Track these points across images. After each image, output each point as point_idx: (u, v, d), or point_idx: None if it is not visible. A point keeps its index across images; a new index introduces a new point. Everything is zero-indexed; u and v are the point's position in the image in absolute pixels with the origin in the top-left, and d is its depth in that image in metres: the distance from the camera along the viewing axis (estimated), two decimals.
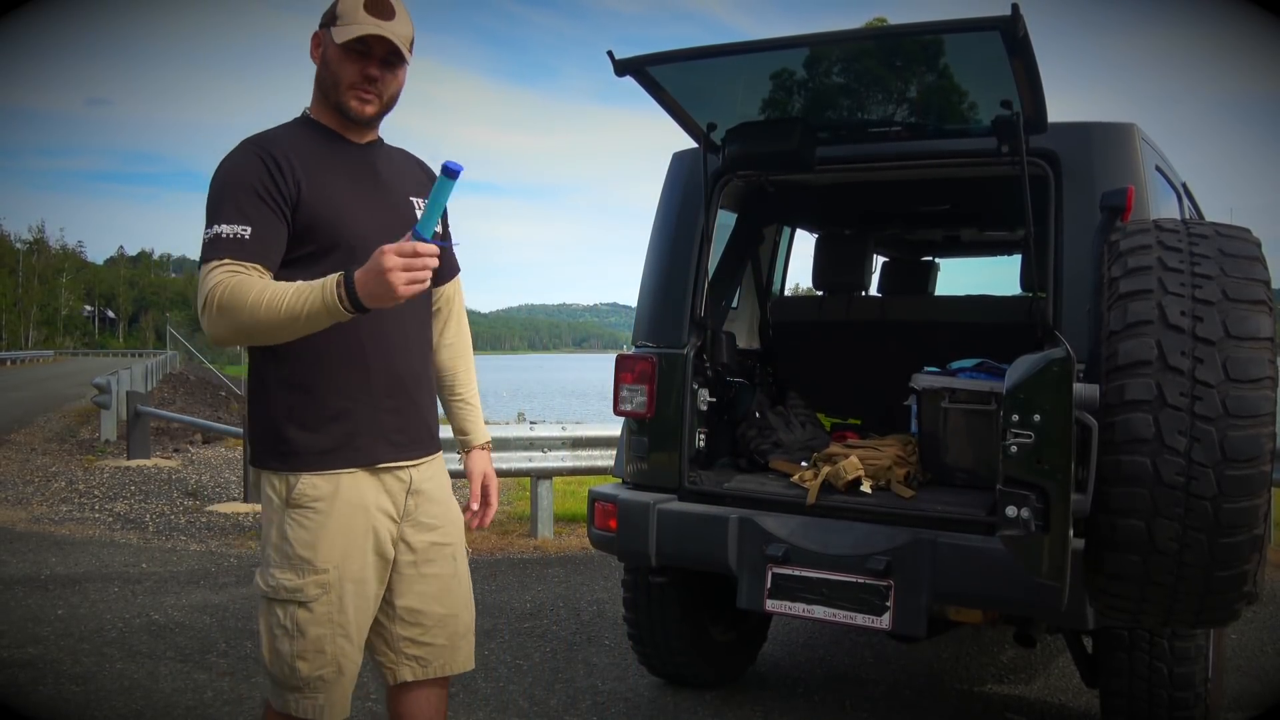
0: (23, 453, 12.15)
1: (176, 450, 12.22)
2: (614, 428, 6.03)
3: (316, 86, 2.16)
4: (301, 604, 2.07)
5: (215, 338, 1.96)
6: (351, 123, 2.15)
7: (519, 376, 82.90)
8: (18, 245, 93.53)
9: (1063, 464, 2.33)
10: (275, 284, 1.92)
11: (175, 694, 3.91)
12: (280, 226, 2.01)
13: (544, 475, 7.35)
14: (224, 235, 1.95)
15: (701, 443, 3.71)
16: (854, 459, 3.47)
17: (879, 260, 5.39)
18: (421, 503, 2.22)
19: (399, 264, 1.77)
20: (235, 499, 8.68)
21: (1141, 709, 3.14)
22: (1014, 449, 2.40)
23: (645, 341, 3.77)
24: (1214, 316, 2.29)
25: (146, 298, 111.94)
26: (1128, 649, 3.12)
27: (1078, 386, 2.36)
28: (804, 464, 3.68)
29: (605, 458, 7.28)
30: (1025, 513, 2.37)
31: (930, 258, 5.86)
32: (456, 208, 1.86)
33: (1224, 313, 2.29)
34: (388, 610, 2.21)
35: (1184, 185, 4.07)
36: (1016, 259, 5.24)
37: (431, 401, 2.31)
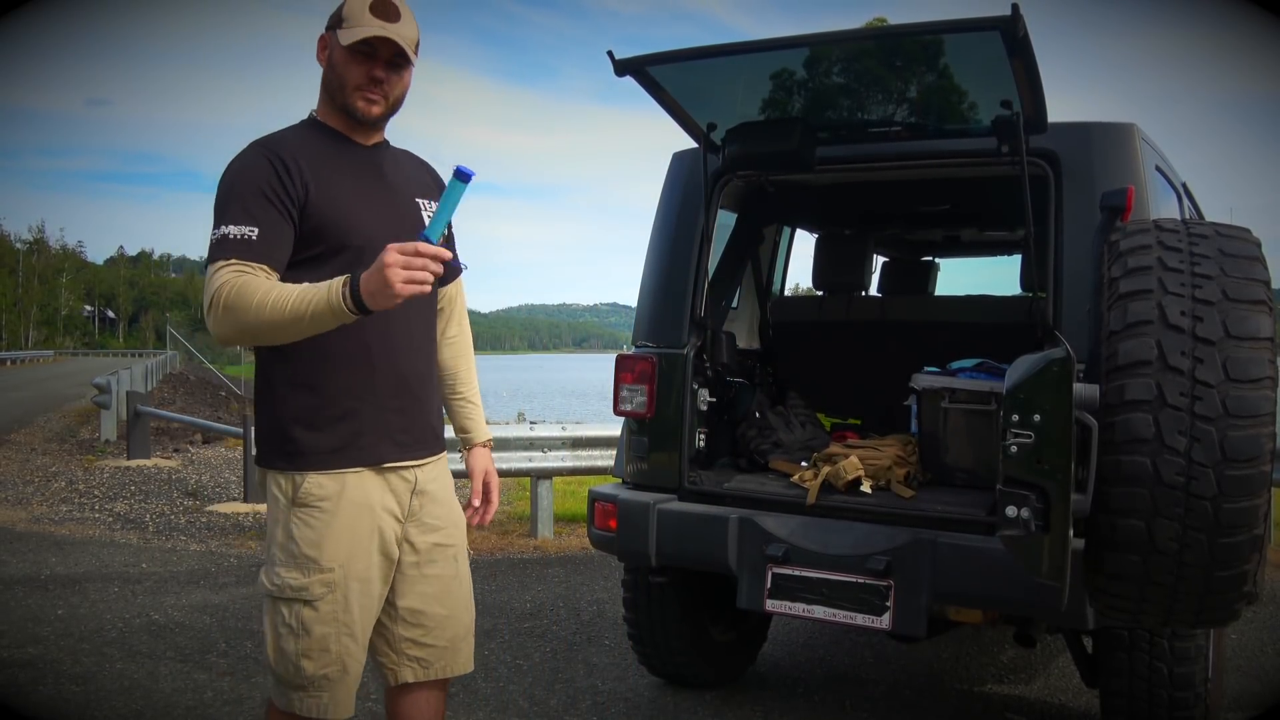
0: (23, 453, 12.15)
1: (176, 450, 12.22)
2: (614, 428, 6.03)
3: (323, 89, 2.16)
4: (307, 603, 2.08)
5: (221, 337, 1.96)
6: (358, 124, 2.15)
7: (519, 376, 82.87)
8: (18, 245, 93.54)
9: (1063, 464, 2.33)
10: (281, 285, 1.92)
11: (175, 694, 3.91)
12: (287, 228, 2.01)
13: (544, 475, 7.36)
14: (231, 236, 1.96)
15: (701, 443, 3.71)
16: (854, 459, 3.47)
17: (879, 260, 5.39)
18: (426, 503, 2.23)
19: (399, 261, 1.78)
20: (235, 499, 8.68)
21: (1141, 709, 3.14)
22: (1014, 449, 2.40)
23: (645, 341, 3.77)
24: (1214, 316, 2.29)
25: (146, 298, 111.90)
26: (1128, 649, 3.12)
27: (1078, 386, 2.36)
28: (804, 464, 3.68)
29: (605, 458, 7.28)
30: (1025, 513, 2.37)
31: (930, 258, 5.86)
32: (457, 208, 1.87)
33: (1224, 313, 2.29)
34: (390, 611, 2.21)
35: (1184, 185, 4.07)
36: (1016, 259, 5.24)
37: (436, 402, 2.32)
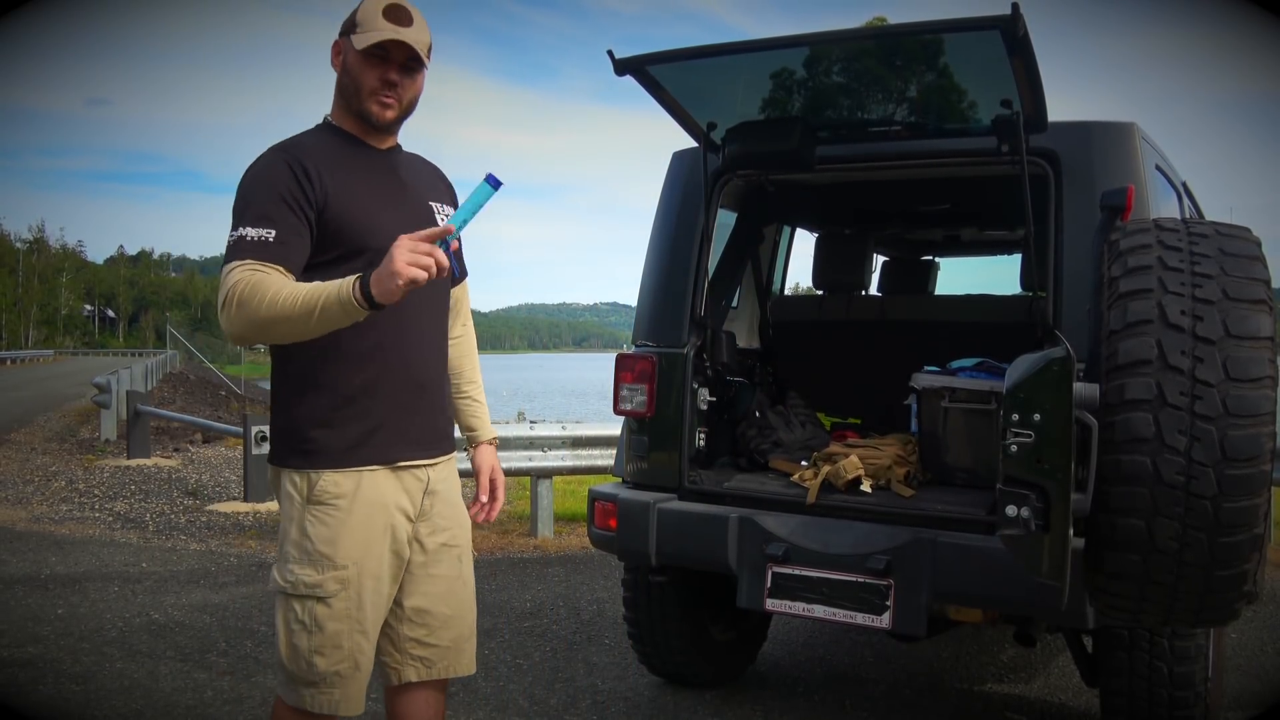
0: (23, 452, 12.15)
1: (176, 450, 12.22)
2: (614, 427, 6.03)
3: (338, 93, 2.19)
4: (320, 599, 2.10)
5: (233, 334, 1.97)
6: (372, 129, 2.18)
7: (519, 376, 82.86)
8: (18, 245, 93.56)
9: (1063, 463, 2.33)
10: (294, 282, 1.95)
11: (175, 693, 3.91)
12: (305, 231, 2.03)
13: (544, 475, 7.36)
14: (248, 238, 1.98)
15: (701, 442, 3.71)
16: (854, 458, 3.47)
17: (879, 260, 5.39)
18: (436, 503, 2.26)
19: (406, 244, 1.80)
20: (235, 498, 8.68)
21: (1141, 708, 3.14)
22: (1014, 448, 2.40)
23: (645, 341, 3.78)
24: (1214, 316, 2.29)
25: (146, 297, 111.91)
26: (1128, 648, 3.12)
27: (1078, 386, 2.36)
28: (804, 463, 3.68)
29: (605, 457, 7.28)
30: (1025, 512, 2.37)
31: (930, 257, 5.86)
32: (479, 213, 1.91)
33: (1224, 312, 2.29)
34: (396, 610, 2.23)
35: (1184, 184, 4.07)
36: (1016, 258, 5.24)
37: (447, 403, 2.35)
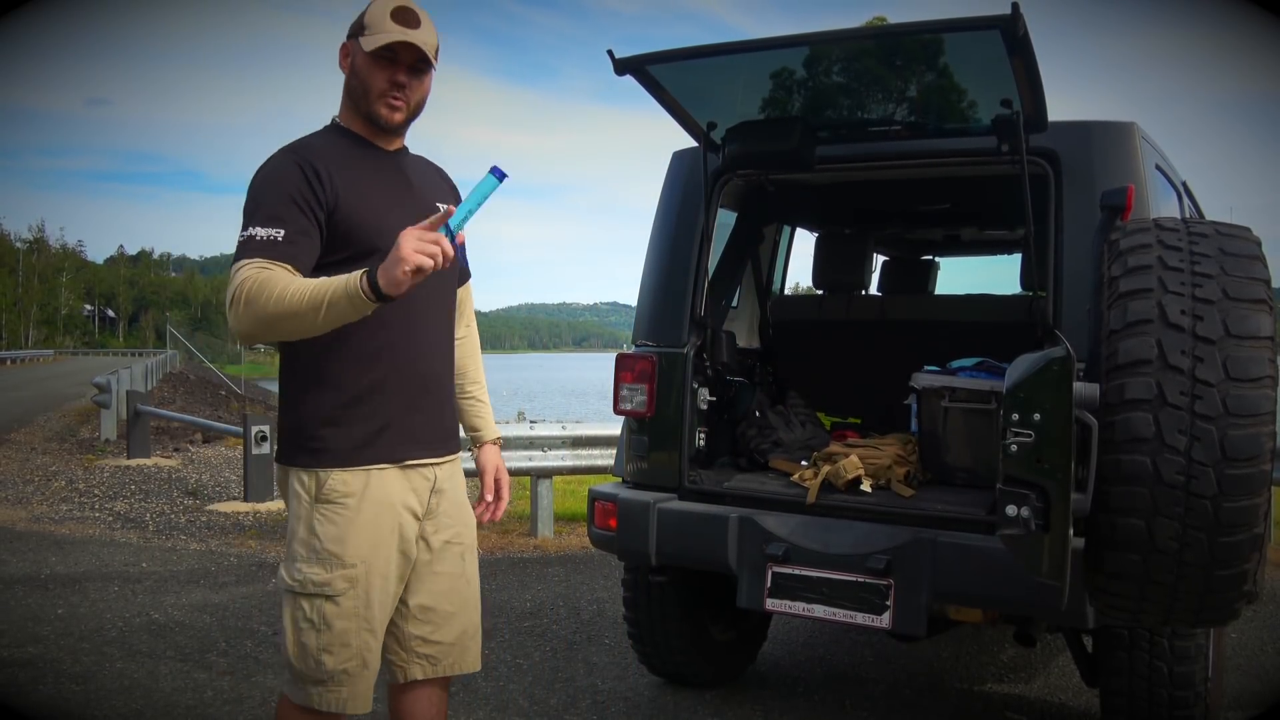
0: (23, 452, 12.15)
1: (176, 449, 12.22)
2: (614, 427, 6.03)
3: (346, 95, 2.21)
4: (329, 598, 2.11)
5: (241, 333, 1.98)
6: (381, 130, 2.20)
7: (519, 375, 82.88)
8: (18, 245, 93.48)
9: (1063, 463, 2.33)
10: (302, 278, 1.96)
11: (175, 693, 3.91)
12: (314, 232, 2.05)
13: (544, 474, 7.36)
14: (258, 237, 2.00)
15: (701, 442, 3.71)
16: (854, 458, 3.46)
17: (879, 259, 5.39)
18: (442, 502, 2.27)
19: (413, 233, 1.83)
20: (235, 498, 8.68)
21: (1141, 708, 3.14)
22: (1014, 448, 2.39)
23: (645, 340, 3.77)
24: (1214, 315, 2.29)
25: (146, 297, 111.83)
26: (1128, 648, 3.12)
27: (1078, 385, 2.36)
28: (804, 463, 3.68)
29: (605, 457, 7.28)
30: (1025, 512, 2.37)
31: (930, 257, 5.86)
32: (483, 205, 1.94)
33: (1224, 311, 2.29)
34: (401, 608, 2.25)
35: (1184, 184, 4.07)
36: (1016, 258, 5.24)
37: (454, 403, 2.37)
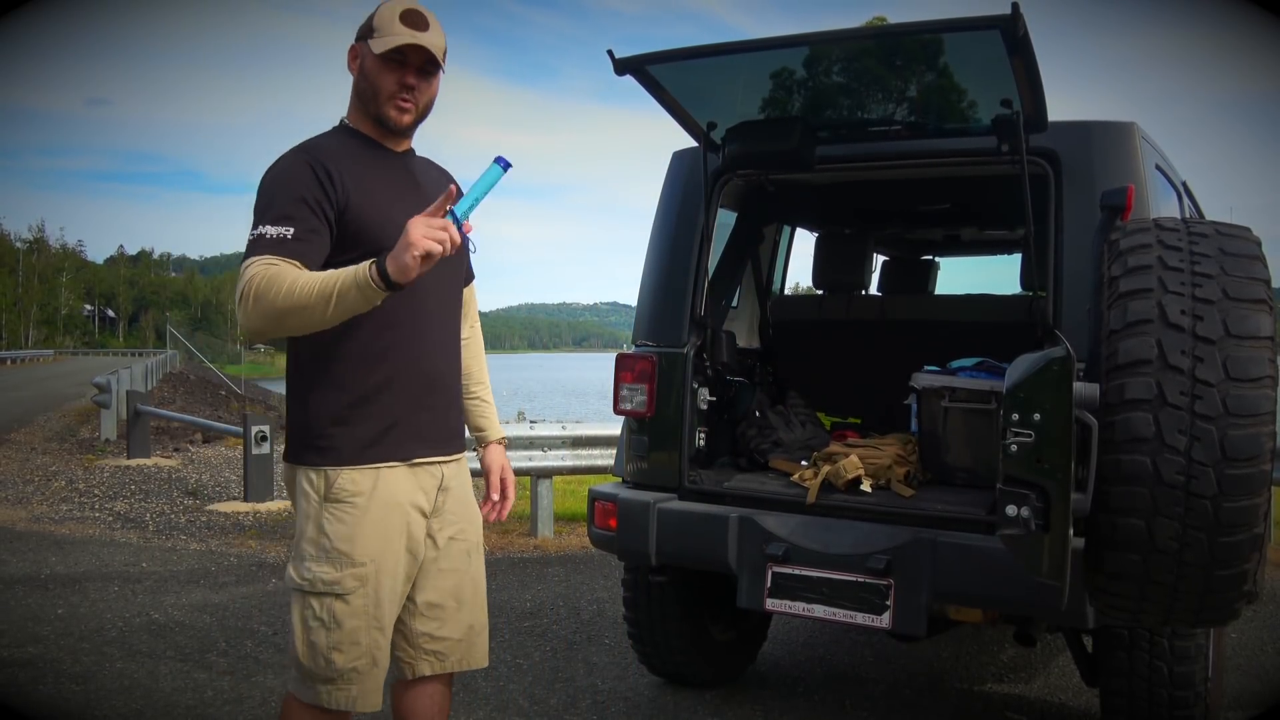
0: (23, 452, 12.15)
1: (176, 449, 12.22)
2: (614, 427, 6.03)
3: (354, 97, 2.23)
4: (339, 596, 2.12)
5: (251, 329, 1.99)
6: (389, 132, 2.22)
7: (519, 375, 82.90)
8: (18, 245, 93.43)
9: (1063, 463, 2.32)
10: (310, 272, 1.98)
11: (175, 693, 3.91)
12: (324, 231, 2.06)
13: (544, 474, 7.36)
14: (268, 235, 2.01)
15: (701, 442, 3.71)
16: (854, 458, 3.46)
17: (879, 259, 5.39)
18: (449, 500, 2.29)
19: (421, 220, 1.86)
20: (235, 498, 8.68)
21: (1141, 708, 3.14)
22: (1014, 448, 2.39)
23: (645, 340, 3.77)
24: (1214, 315, 2.29)
25: (146, 297, 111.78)
26: (1128, 648, 3.12)
27: (1078, 385, 2.35)
28: (804, 463, 3.68)
29: (605, 457, 7.28)
30: (1025, 512, 2.37)
31: (930, 257, 5.86)
32: (489, 193, 1.97)
33: (1224, 311, 2.29)
34: (409, 606, 2.26)
35: (1184, 184, 4.07)
36: (1016, 258, 5.23)
37: (459, 402, 2.38)
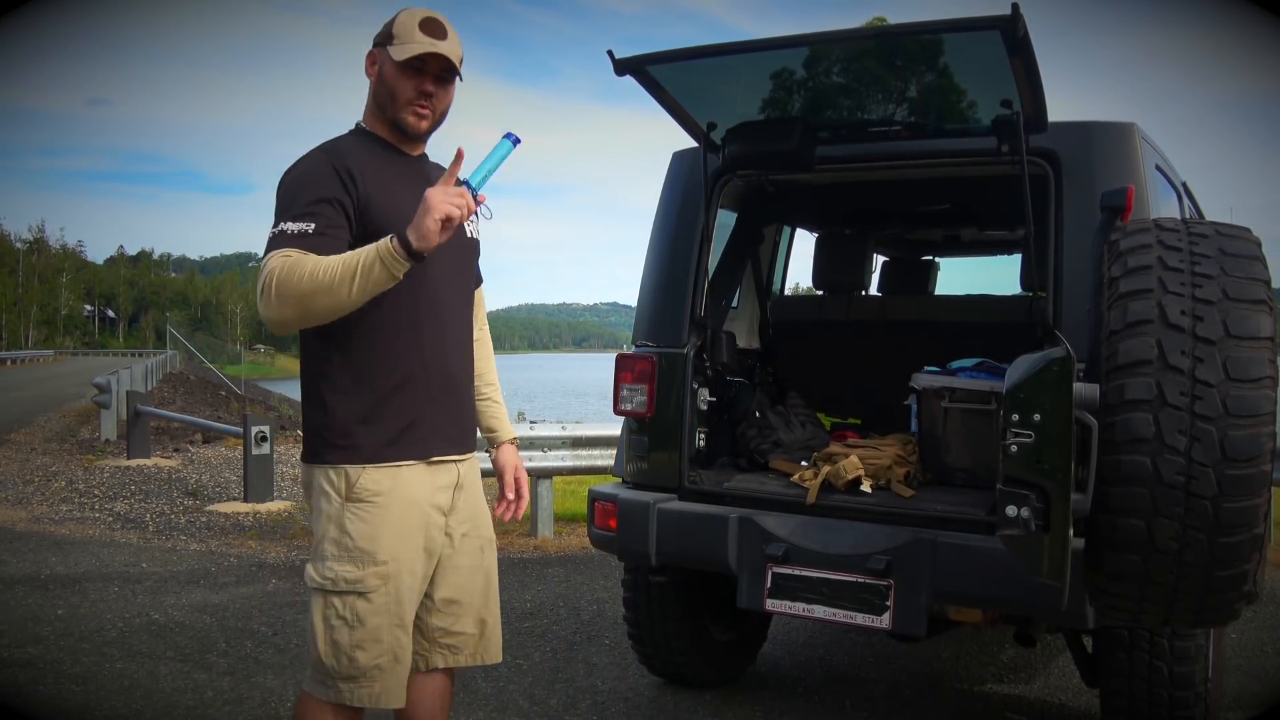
0: (23, 452, 12.15)
1: (176, 450, 12.21)
2: (614, 427, 6.03)
3: (372, 101, 2.26)
4: (361, 595, 2.14)
5: (275, 320, 2.01)
6: (406, 137, 2.26)
7: (519, 376, 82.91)
8: (18, 245, 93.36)
9: (1063, 464, 2.32)
10: (330, 256, 2.00)
11: (175, 694, 3.91)
12: (344, 229, 2.08)
13: (544, 475, 7.36)
14: (289, 231, 2.04)
15: (701, 442, 3.71)
16: (854, 458, 3.46)
17: (879, 260, 5.39)
18: (463, 497, 2.32)
19: (438, 189, 1.91)
20: (235, 499, 8.68)
21: (1141, 708, 3.14)
22: (1014, 448, 2.39)
23: (645, 341, 3.78)
24: (1214, 316, 2.29)
25: (146, 297, 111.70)
26: (1128, 648, 3.12)
27: (1078, 386, 2.35)
28: (804, 463, 3.68)
29: (605, 457, 7.28)
30: (1025, 512, 2.37)
31: (930, 257, 5.86)
32: (499, 168, 2.02)
33: (1224, 312, 2.29)
34: (426, 602, 2.29)
35: (1184, 184, 4.07)
36: (1016, 258, 5.23)
37: (472, 401, 2.41)
